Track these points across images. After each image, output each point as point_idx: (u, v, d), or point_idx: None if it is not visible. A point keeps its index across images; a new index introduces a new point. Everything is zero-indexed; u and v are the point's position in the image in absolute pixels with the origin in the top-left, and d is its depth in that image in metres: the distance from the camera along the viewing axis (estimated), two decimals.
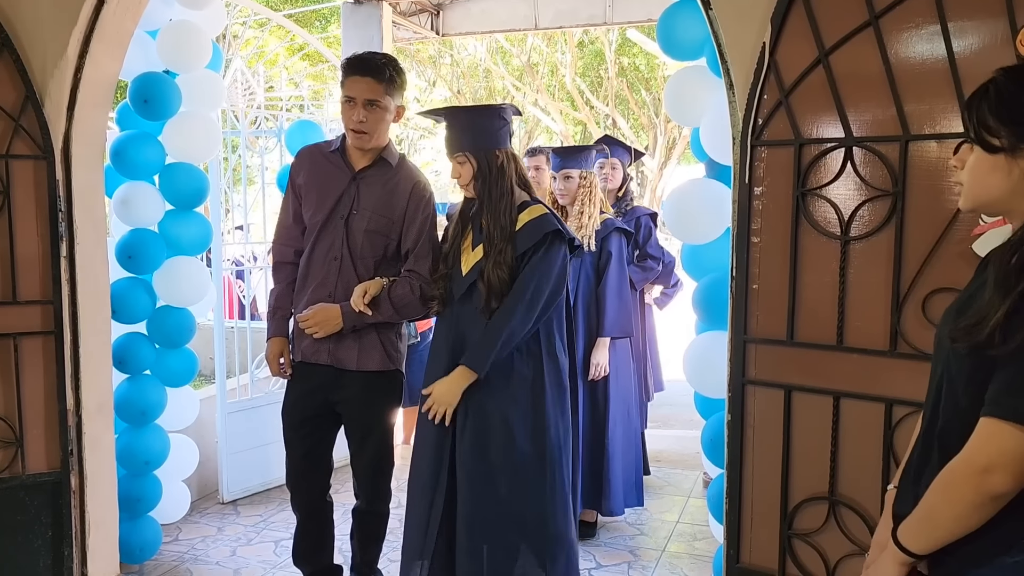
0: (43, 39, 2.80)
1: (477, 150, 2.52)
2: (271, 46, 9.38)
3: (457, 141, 2.55)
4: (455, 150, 2.55)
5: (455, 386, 2.47)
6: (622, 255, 3.63)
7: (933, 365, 1.40)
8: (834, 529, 2.22)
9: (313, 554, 2.89)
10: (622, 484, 3.66)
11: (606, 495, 3.61)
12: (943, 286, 2.02)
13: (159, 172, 3.36)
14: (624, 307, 3.58)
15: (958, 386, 1.28)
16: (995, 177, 1.29)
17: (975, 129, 1.30)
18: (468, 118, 2.58)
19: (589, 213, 3.58)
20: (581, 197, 3.59)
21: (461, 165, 2.55)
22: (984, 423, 1.21)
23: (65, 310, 2.89)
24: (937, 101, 2.00)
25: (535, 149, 4.29)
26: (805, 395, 2.23)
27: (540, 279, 2.47)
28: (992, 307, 1.21)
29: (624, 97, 17.42)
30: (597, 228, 3.58)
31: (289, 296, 2.78)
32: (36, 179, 2.85)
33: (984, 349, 1.21)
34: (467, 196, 2.61)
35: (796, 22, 2.17)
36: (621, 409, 3.68)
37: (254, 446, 4.20)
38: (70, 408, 2.93)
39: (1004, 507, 1.21)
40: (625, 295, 3.60)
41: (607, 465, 3.60)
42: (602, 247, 3.59)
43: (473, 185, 2.54)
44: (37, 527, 2.92)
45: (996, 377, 1.21)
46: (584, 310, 3.56)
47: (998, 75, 1.30)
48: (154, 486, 3.38)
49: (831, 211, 2.16)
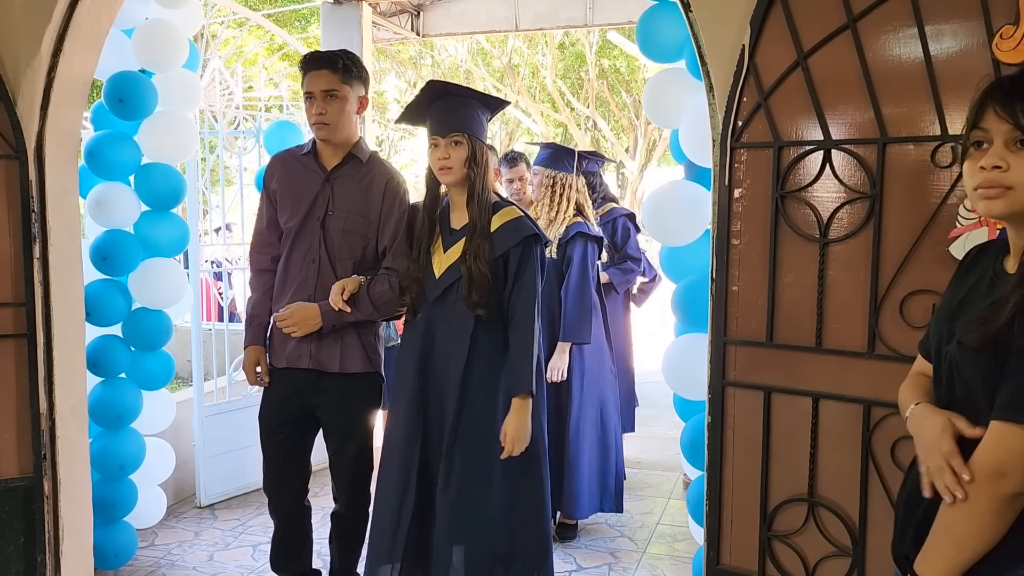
0: (16, 37, 2.75)
1: (473, 136, 2.46)
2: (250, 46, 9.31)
3: (460, 121, 2.45)
4: (453, 128, 2.44)
5: (523, 418, 2.44)
6: (585, 261, 3.56)
7: (935, 371, 1.37)
8: (813, 530, 2.22)
9: (291, 559, 2.87)
10: (587, 488, 3.61)
11: (567, 498, 3.56)
12: (920, 288, 2.03)
13: (135, 172, 3.32)
14: (584, 313, 3.53)
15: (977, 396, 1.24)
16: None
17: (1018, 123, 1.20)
18: (472, 102, 2.50)
19: (562, 218, 3.56)
20: (555, 200, 3.57)
21: (456, 146, 2.44)
22: (994, 427, 1.20)
23: (38, 312, 2.85)
24: (914, 104, 2.02)
25: (516, 156, 4.06)
26: (784, 396, 2.24)
27: (536, 284, 2.48)
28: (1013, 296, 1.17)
29: (605, 99, 17.47)
30: (559, 235, 3.55)
31: (266, 304, 2.76)
32: (8, 179, 2.80)
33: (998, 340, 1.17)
34: (445, 183, 2.53)
35: (775, 25, 2.17)
36: (590, 413, 3.63)
37: (231, 449, 4.16)
38: (43, 412, 2.88)
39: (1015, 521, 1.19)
40: (586, 301, 3.54)
41: (567, 468, 3.55)
42: (565, 252, 3.56)
43: (463, 171, 2.46)
44: (9, 533, 2.86)
45: (1004, 383, 1.19)
46: (546, 315, 3.49)
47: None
48: (129, 490, 3.34)
49: (810, 213, 2.17)
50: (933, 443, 1.26)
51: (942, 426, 1.26)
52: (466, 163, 2.46)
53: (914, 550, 1.31)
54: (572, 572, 3.36)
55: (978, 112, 1.28)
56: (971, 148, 1.30)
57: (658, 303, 5.22)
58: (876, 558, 2.14)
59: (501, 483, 2.47)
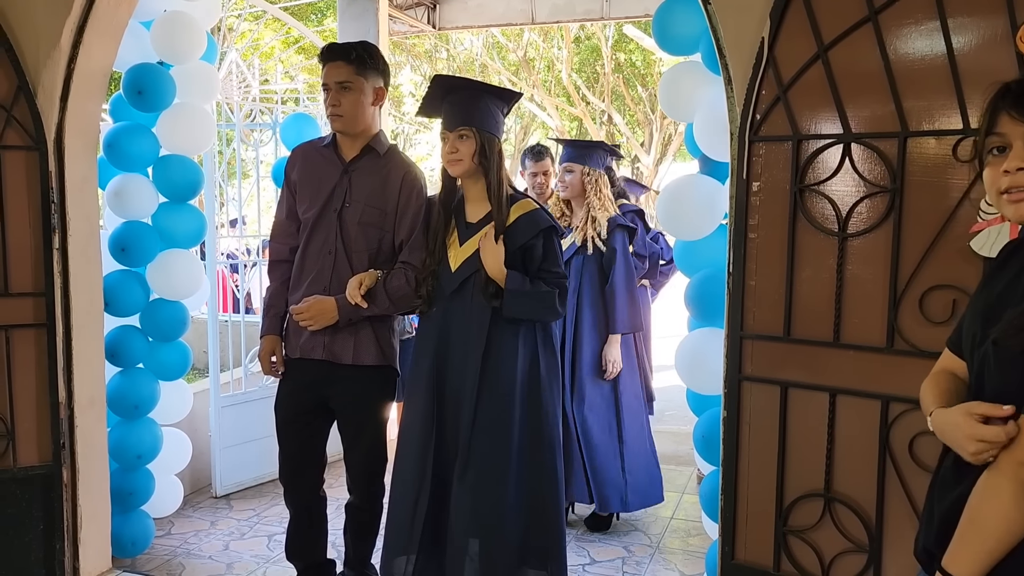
0: (36, 29, 2.78)
1: (482, 129, 2.47)
2: (266, 39, 9.34)
3: (466, 114, 2.46)
4: (459, 123, 2.46)
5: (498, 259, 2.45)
6: (627, 251, 3.64)
7: (969, 369, 1.36)
8: (829, 526, 2.21)
9: (306, 549, 2.88)
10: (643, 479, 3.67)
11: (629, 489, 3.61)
12: (941, 283, 2.01)
13: (153, 164, 3.33)
14: (634, 302, 3.61)
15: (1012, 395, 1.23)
16: None
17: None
18: (481, 96, 2.51)
19: (604, 213, 3.60)
20: (591, 195, 3.61)
21: (463, 140, 2.45)
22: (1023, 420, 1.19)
23: (57, 302, 2.88)
24: (936, 97, 2.00)
25: (542, 150, 4.08)
26: (801, 391, 2.23)
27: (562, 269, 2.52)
28: None
29: (620, 93, 17.42)
30: (601, 229, 3.59)
31: (283, 295, 2.77)
32: (28, 170, 2.82)
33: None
34: (454, 175, 2.53)
35: (795, 17, 2.16)
36: (634, 405, 3.71)
37: (247, 440, 4.18)
38: (62, 401, 2.92)
39: None
40: (633, 290, 3.63)
41: (625, 461, 3.62)
42: (606, 244, 3.60)
43: (473, 163, 2.47)
44: (29, 521, 2.90)
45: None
46: (592, 308, 3.58)
47: None
48: (147, 480, 3.37)
49: (829, 207, 2.16)
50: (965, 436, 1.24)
51: (963, 415, 1.25)
52: (475, 156, 2.47)
53: (939, 543, 1.31)
54: (586, 566, 3.36)
55: (991, 118, 1.28)
56: (988, 155, 1.30)
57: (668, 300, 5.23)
58: (893, 554, 2.13)
59: (516, 475, 2.48)
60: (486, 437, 2.47)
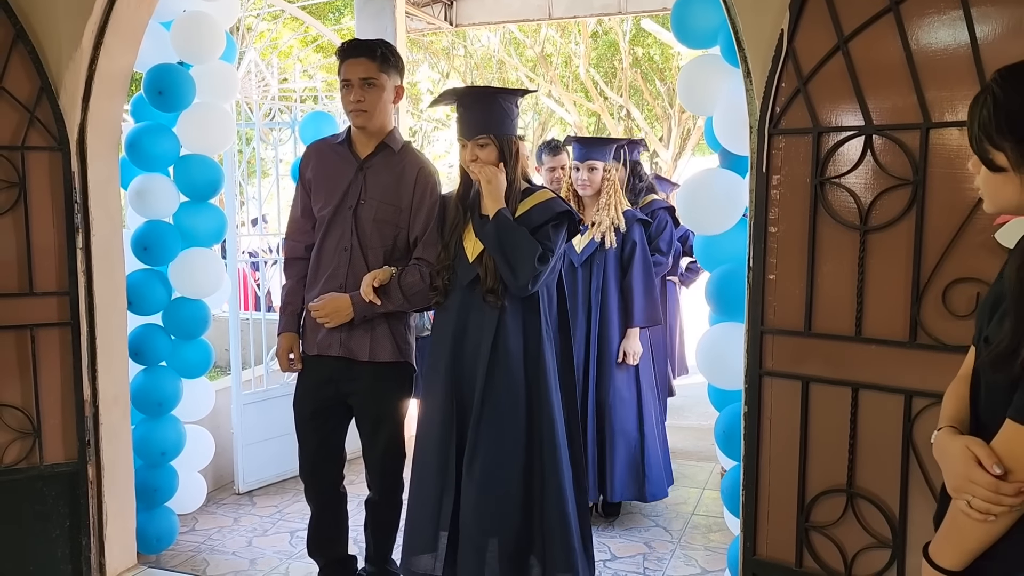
0: (58, 31, 2.81)
1: (500, 134, 2.50)
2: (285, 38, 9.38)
3: (482, 123, 2.50)
4: (477, 132, 2.50)
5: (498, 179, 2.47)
6: (645, 244, 3.68)
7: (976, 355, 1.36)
8: (852, 521, 2.20)
9: (328, 545, 2.90)
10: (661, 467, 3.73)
11: (648, 480, 3.66)
12: (964, 276, 1.99)
13: (174, 164, 3.36)
14: (651, 296, 3.65)
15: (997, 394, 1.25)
16: (1007, 190, 1.24)
17: (977, 147, 1.23)
18: (494, 100, 2.53)
19: (616, 205, 3.63)
20: (607, 190, 3.64)
21: (482, 148, 2.50)
22: (1007, 425, 1.20)
23: (81, 301, 2.91)
24: (959, 88, 1.97)
25: (559, 145, 4.14)
26: (823, 386, 2.21)
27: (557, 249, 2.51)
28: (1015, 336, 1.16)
29: (638, 88, 17.33)
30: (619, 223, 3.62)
31: (299, 292, 2.78)
32: (51, 171, 2.86)
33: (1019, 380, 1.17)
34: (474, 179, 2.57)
35: (814, 9, 2.13)
36: (650, 396, 3.75)
37: (269, 437, 4.21)
38: (87, 399, 2.95)
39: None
40: (651, 284, 3.66)
41: (645, 451, 3.67)
42: (625, 238, 3.63)
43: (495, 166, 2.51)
44: (55, 517, 2.94)
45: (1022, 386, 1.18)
46: (613, 301, 3.61)
47: (995, 81, 1.21)
48: (170, 477, 3.40)
49: (850, 200, 2.14)
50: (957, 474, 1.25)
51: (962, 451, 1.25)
52: (496, 160, 2.51)
53: None
54: (607, 561, 3.36)
55: None
56: None
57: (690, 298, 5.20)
58: (916, 550, 2.09)
59: (522, 468, 2.48)
60: (492, 429, 2.47)
